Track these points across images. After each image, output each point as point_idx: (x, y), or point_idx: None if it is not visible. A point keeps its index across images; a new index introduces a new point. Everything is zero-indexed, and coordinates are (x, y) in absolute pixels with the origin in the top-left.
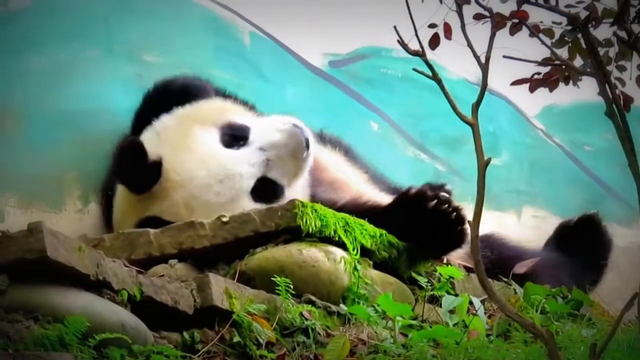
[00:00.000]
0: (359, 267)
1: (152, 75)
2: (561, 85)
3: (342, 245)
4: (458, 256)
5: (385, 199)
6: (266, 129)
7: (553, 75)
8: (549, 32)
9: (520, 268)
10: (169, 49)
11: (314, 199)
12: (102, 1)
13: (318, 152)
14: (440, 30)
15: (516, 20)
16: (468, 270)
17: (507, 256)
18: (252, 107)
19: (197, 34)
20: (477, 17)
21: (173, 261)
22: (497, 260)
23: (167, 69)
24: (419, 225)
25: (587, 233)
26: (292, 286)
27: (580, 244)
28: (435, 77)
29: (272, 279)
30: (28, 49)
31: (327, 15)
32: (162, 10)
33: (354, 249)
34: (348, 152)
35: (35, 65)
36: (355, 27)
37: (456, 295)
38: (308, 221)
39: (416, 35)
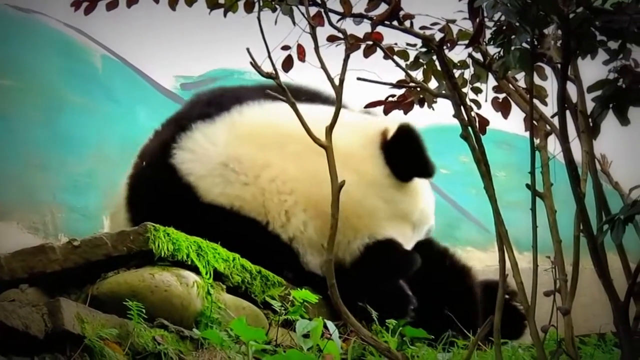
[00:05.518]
0: (212, 291)
1: (2, 98)
2: (416, 107)
3: (195, 269)
4: None
5: None
6: None
7: (408, 97)
8: (403, 54)
9: None
10: (21, 73)
11: None
12: None
13: None
14: (294, 53)
15: (370, 42)
16: None
17: None
18: None
19: (50, 57)
20: (331, 39)
21: (24, 285)
22: None
23: (19, 92)
24: None
25: None
26: (144, 310)
27: None
28: (288, 100)
29: (124, 303)
30: None
31: (179, 38)
32: (14, 34)
33: (207, 273)
34: None
35: None
36: (208, 50)
37: (310, 319)
38: (160, 245)
39: (269, 57)
